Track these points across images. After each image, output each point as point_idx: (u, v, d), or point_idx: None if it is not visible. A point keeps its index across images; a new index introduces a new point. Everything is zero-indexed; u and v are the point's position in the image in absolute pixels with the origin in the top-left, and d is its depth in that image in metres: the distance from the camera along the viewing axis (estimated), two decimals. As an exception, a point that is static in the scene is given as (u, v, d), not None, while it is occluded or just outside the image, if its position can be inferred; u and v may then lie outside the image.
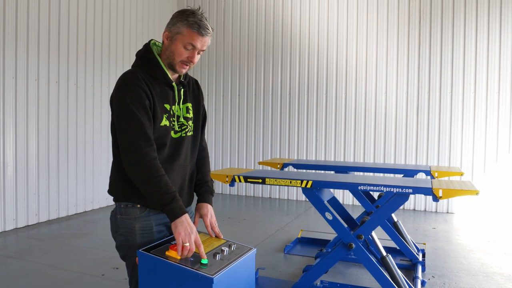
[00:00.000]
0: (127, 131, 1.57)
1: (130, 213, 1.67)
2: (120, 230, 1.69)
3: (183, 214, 1.55)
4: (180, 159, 1.75)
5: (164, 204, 1.53)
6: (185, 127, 1.78)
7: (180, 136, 1.76)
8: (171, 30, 1.64)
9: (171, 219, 1.55)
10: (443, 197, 2.41)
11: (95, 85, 5.92)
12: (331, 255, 2.79)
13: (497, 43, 5.75)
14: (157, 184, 1.53)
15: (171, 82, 1.71)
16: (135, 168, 1.56)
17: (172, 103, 1.72)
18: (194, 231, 1.54)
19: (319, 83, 6.75)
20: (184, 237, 1.51)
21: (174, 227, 1.53)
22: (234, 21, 7.34)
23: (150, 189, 1.54)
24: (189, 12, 1.63)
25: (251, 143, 7.23)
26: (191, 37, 1.61)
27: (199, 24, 1.61)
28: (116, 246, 1.74)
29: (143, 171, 1.55)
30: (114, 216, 1.73)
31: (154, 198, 1.55)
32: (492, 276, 3.52)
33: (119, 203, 1.70)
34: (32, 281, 3.31)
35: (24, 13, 4.86)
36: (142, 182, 1.56)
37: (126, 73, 1.66)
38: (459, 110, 5.96)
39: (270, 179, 2.78)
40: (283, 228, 5.07)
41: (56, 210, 5.34)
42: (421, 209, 6.20)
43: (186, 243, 1.50)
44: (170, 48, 1.65)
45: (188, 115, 1.80)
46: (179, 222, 1.53)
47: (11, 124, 4.76)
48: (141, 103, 1.58)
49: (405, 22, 6.22)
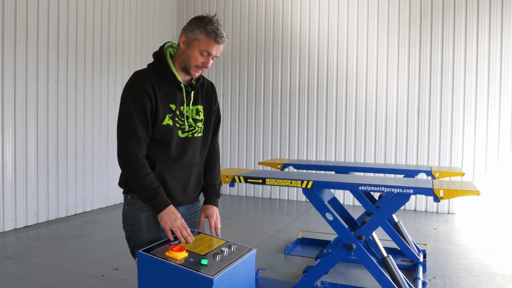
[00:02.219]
0: (121, 130, 1.70)
1: (136, 203, 1.77)
2: (128, 220, 1.80)
3: (167, 206, 1.71)
4: (185, 158, 1.83)
5: (149, 199, 1.69)
6: (192, 128, 1.84)
7: (187, 136, 1.82)
8: (188, 36, 1.72)
9: (157, 212, 1.71)
10: (444, 198, 2.41)
11: (95, 85, 5.90)
12: (331, 256, 2.78)
13: (499, 42, 5.74)
14: (143, 182, 1.68)
15: (179, 83, 1.77)
16: (124, 166, 1.71)
17: (181, 104, 1.79)
18: (178, 217, 1.72)
19: (319, 82, 6.74)
20: (171, 224, 1.69)
21: (160, 219, 1.70)
22: (234, 21, 7.33)
23: (137, 186, 1.70)
24: (207, 20, 1.71)
25: (251, 143, 7.22)
26: (207, 45, 1.70)
27: (216, 33, 1.69)
28: (126, 237, 1.83)
29: (131, 170, 1.69)
30: (124, 208, 1.84)
31: (141, 194, 1.71)
32: (493, 277, 3.51)
33: (126, 195, 1.81)
34: (31, 282, 3.30)
35: (23, 12, 4.85)
36: (130, 179, 1.71)
37: (136, 72, 1.76)
38: (460, 110, 5.95)
39: (270, 180, 2.77)
40: (283, 228, 5.06)
41: (55, 210, 5.33)
42: (422, 210, 6.18)
43: (174, 227, 1.68)
44: (186, 53, 1.73)
45: (198, 117, 1.86)
46: (164, 214, 1.70)
47: (10, 124, 4.75)
48: (140, 104, 1.69)
49: (406, 22, 6.20)
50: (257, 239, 4.55)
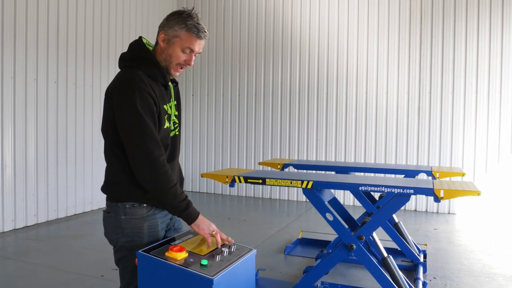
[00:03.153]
0: (141, 140, 1.55)
1: (137, 213, 1.65)
2: (125, 231, 1.65)
3: (199, 214, 1.68)
4: (177, 157, 1.79)
5: (181, 210, 1.62)
6: (176, 125, 1.79)
7: (174, 135, 1.77)
8: (168, 33, 1.62)
9: (190, 222, 1.65)
10: (445, 198, 2.40)
11: (94, 85, 5.90)
12: (331, 256, 2.77)
13: (499, 42, 5.73)
14: (174, 193, 1.60)
15: (168, 83, 1.70)
16: (152, 179, 1.57)
17: (167, 102, 1.73)
18: (211, 222, 1.70)
19: (319, 82, 6.74)
20: (208, 230, 1.66)
21: (196, 227, 1.66)
22: (234, 21, 7.33)
23: (168, 198, 1.60)
24: (186, 15, 1.61)
25: (251, 143, 7.21)
26: (190, 41, 1.61)
27: (198, 28, 1.61)
28: (116, 248, 1.70)
29: (160, 182, 1.58)
30: (115, 218, 1.67)
31: (171, 206, 1.62)
32: (494, 277, 3.50)
33: (123, 203, 1.66)
34: (31, 282, 3.29)
35: (23, 12, 4.84)
36: (158, 191, 1.59)
37: (130, 76, 1.59)
38: (461, 110, 5.94)
39: (271, 180, 2.76)
40: (283, 229, 5.05)
41: (55, 211, 5.32)
42: (422, 210, 6.18)
43: (213, 232, 1.66)
44: (167, 52, 1.64)
45: (176, 113, 1.80)
46: (199, 221, 1.66)
47: (9, 124, 4.74)
48: (150, 110, 1.57)
49: (406, 22, 6.20)
50: (257, 239, 4.54)
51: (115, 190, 1.68)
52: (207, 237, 1.64)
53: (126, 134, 1.57)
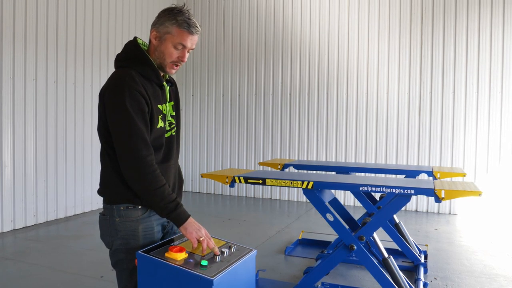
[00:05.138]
0: (128, 139, 1.53)
1: (132, 215, 1.62)
2: (120, 233, 1.63)
3: (189, 216, 1.61)
4: (172, 158, 1.75)
5: (169, 212, 1.57)
6: (173, 125, 1.76)
7: (170, 135, 1.75)
8: (159, 30, 1.62)
9: (179, 225, 1.59)
10: (445, 198, 2.39)
11: (94, 85, 5.88)
12: (332, 257, 2.76)
13: (500, 42, 5.72)
14: (161, 194, 1.55)
15: (162, 82, 1.68)
16: (139, 180, 1.55)
17: (163, 102, 1.70)
18: (201, 227, 1.62)
19: (320, 82, 6.73)
20: (196, 234, 1.58)
21: (184, 230, 1.59)
22: (234, 21, 7.32)
23: (154, 199, 1.56)
24: (176, 11, 1.61)
25: (251, 143, 7.20)
26: (181, 37, 1.60)
27: (189, 23, 1.59)
28: (112, 250, 1.68)
29: (147, 181, 1.54)
30: (110, 220, 1.65)
31: (159, 207, 1.57)
32: (495, 278, 3.48)
33: (117, 206, 1.63)
34: (30, 283, 3.28)
35: (22, 12, 4.83)
36: (146, 191, 1.56)
37: (122, 75, 1.58)
38: (462, 110, 5.93)
39: (271, 180, 2.75)
40: (283, 229, 5.04)
41: (54, 211, 5.31)
42: (423, 210, 6.16)
43: (200, 237, 1.58)
44: (160, 49, 1.62)
45: (173, 113, 1.78)
46: (188, 224, 1.59)
47: (9, 124, 4.73)
48: (140, 109, 1.55)
49: (407, 21, 6.19)
50: (257, 240, 4.53)
51: (109, 192, 1.66)
52: (194, 242, 1.57)
53: (115, 133, 1.56)
